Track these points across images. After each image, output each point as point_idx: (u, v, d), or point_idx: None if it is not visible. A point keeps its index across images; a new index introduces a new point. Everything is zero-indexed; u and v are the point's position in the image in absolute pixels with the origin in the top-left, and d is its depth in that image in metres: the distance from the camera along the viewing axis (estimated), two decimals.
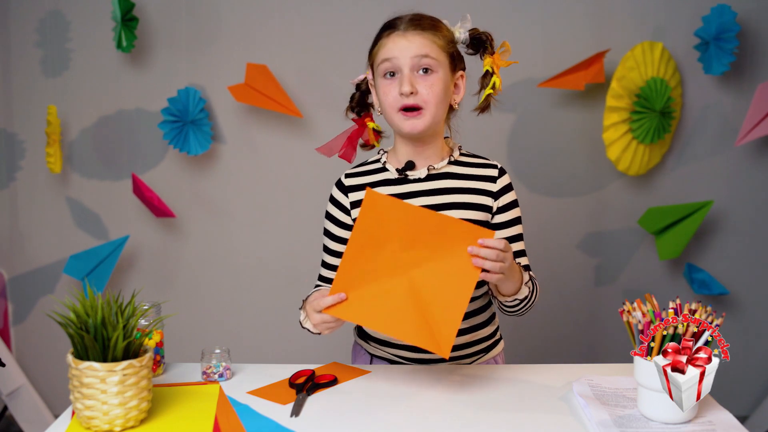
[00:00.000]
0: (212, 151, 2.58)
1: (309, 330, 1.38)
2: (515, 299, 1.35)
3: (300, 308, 1.41)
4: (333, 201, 1.47)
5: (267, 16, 2.53)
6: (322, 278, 1.51)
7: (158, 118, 2.51)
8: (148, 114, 2.56)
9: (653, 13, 2.52)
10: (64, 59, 2.54)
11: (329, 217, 1.47)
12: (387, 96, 1.36)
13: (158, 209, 2.52)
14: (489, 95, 1.43)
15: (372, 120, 1.50)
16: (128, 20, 2.41)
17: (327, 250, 1.49)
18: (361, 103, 1.49)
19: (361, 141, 1.54)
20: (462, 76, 1.42)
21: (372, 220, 1.24)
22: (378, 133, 1.52)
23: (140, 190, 2.51)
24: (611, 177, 2.61)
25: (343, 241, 1.45)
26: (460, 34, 1.41)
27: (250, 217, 2.63)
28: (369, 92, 1.48)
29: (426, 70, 1.35)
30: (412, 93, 1.33)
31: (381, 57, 1.36)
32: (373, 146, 1.53)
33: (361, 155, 1.58)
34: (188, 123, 2.46)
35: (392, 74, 1.36)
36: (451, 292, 1.22)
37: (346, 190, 1.45)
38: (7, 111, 2.59)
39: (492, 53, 1.43)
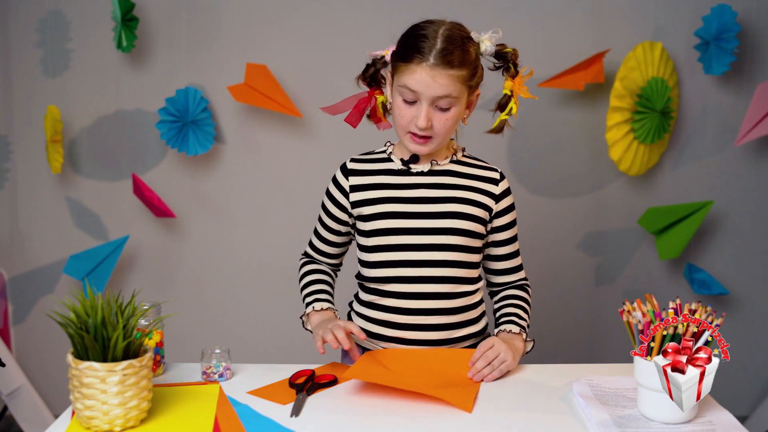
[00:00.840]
0: (212, 151, 2.58)
1: (303, 323, 1.50)
2: (526, 351, 1.46)
3: (307, 298, 1.51)
4: (334, 181, 1.52)
5: (267, 16, 2.53)
6: (314, 247, 1.58)
7: (158, 118, 2.51)
8: (148, 114, 2.56)
9: (653, 13, 2.52)
10: (64, 59, 2.54)
11: (328, 195, 1.53)
12: (401, 118, 1.39)
13: (158, 209, 2.52)
14: (504, 120, 1.46)
15: (382, 93, 1.49)
16: (128, 20, 2.41)
17: (323, 224, 1.55)
18: (373, 77, 1.49)
19: (368, 111, 1.54)
20: (478, 94, 1.44)
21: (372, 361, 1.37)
22: (386, 110, 1.51)
23: (140, 190, 2.51)
24: (612, 177, 2.61)
25: (338, 219, 1.52)
26: (487, 47, 1.40)
27: (250, 217, 2.63)
28: (383, 67, 1.46)
29: (444, 107, 1.37)
30: (426, 128, 1.37)
31: (403, 81, 1.36)
32: (379, 121, 1.53)
33: (367, 143, 1.58)
34: (188, 123, 2.46)
35: (411, 100, 1.37)
36: (459, 388, 1.29)
37: (348, 173, 1.49)
38: (7, 111, 2.58)
39: (514, 75, 1.44)
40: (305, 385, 1.30)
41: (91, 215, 2.63)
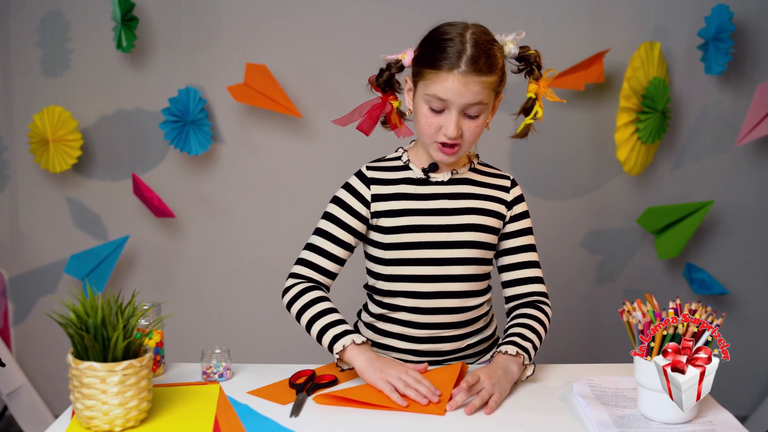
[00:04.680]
0: (212, 151, 2.58)
1: (337, 361, 1.34)
2: (525, 376, 1.34)
3: (330, 329, 1.34)
4: (350, 189, 1.42)
5: (267, 16, 2.53)
6: (311, 265, 1.42)
7: (158, 118, 2.51)
8: (148, 114, 2.56)
9: (653, 13, 2.52)
10: (64, 59, 2.54)
11: (342, 204, 1.41)
12: (429, 127, 1.33)
13: (158, 209, 2.52)
14: (529, 124, 1.40)
15: (396, 99, 1.44)
16: (128, 20, 2.41)
17: (329, 236, 1.41)
18: (388, 82, 1.43)
19: (383, 117, 1.47)
20: (500, 98, 1.39)
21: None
22: (401, 116, 1.46)
23: (140, 190, 2.51)
24: (613, 176, 2.62)
25: (352, 230, 1.41)
26: (511, 49, 1.36)
27: (250, 217, 2.63)
28: (399, 72, 1.42)
29: (473, 114, 1.32)
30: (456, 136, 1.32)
31: (432, 90, 1.30)
32: (395, 127, 1.46)
33: (377, 148, 1.55)
34: (189, 123, 2.46)
35: (439, 109, 1.32)
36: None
37: (368, 182, 1.41)
38: (7, 111, 2.58)
39: (538, 77, 1.39)
40: (305, 385, 1.30)
41: (91, 215, 2.63)
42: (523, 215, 1.46)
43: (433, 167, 1.41)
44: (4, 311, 2.67)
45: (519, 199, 1.46)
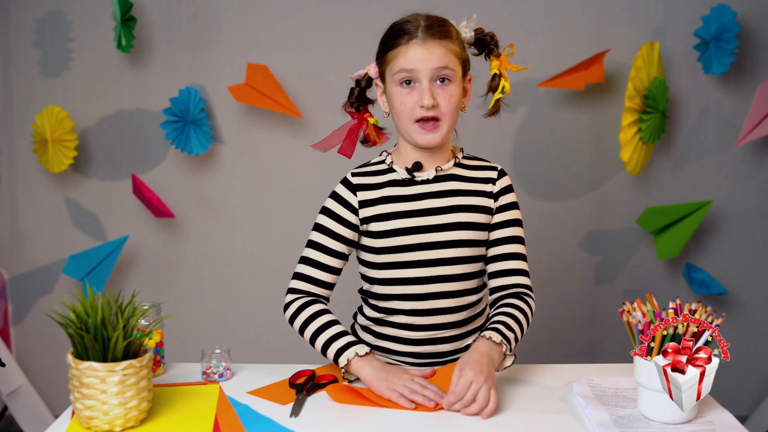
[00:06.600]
0: (212, 151, 2.58)
1: (343, 374, 1.33)
2: (503, 366, 1.32)
3: (334, 342, 1.34)
4: (338, 198, 1.42)
5: (267, 16, 2.53)
6: (308, 279, 1.41)
7: (158, 118, 2.51)
8: (148, 114, 2.56)
9: (653, 13, 2.52)
10: (64, 59, 2.54)
11: (330, 214, 1.41)
12: (404, 106, 1.34)
13: (158, 209, 2.52)
14: (499, 99, 1.42)
15: (371, 115, 1.46)
16: (127, 20, 2.41)
17: (322, 248, 1.41)
18: (361, 98, 1.45)
19: (362, 137, 1.48)
20: (470, 79, 1.41)
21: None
22: (380, 130, 1.47)
23: (140, 190, 2.51)
24: (613, 176, 2.62)
25: (342, 239, 1.40)
26: (465, 33, 1.39)
27: (250, 217, 2.63)
28: (369, 87, 1.45)
29: (443, 80, 1.33)
30: (433, 106, 1.32)
31: (398, 66, 1.33)
32: (375, 143, 1.48)
33: (361, 153, 1.57)
34: (189, 123, 2.46)
35: (408, 82, 1.34)
36: None
37: (354, 188, 1.41)
38: (7, 111, 2.59)
39: (498, 55, 1.41)
40: (305, 385, 1.30)
41: (91, 215, 2.63)
42: (510, 206, 1.43)
43: (417, 166, 1.40)
44: (4, 311, 2.67)
45: (506, 190, 1.44)
